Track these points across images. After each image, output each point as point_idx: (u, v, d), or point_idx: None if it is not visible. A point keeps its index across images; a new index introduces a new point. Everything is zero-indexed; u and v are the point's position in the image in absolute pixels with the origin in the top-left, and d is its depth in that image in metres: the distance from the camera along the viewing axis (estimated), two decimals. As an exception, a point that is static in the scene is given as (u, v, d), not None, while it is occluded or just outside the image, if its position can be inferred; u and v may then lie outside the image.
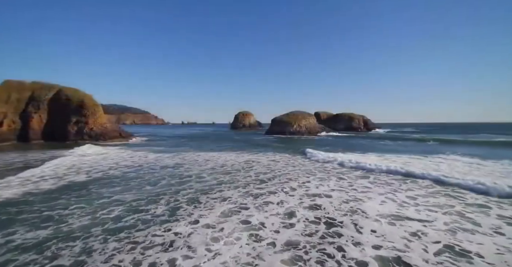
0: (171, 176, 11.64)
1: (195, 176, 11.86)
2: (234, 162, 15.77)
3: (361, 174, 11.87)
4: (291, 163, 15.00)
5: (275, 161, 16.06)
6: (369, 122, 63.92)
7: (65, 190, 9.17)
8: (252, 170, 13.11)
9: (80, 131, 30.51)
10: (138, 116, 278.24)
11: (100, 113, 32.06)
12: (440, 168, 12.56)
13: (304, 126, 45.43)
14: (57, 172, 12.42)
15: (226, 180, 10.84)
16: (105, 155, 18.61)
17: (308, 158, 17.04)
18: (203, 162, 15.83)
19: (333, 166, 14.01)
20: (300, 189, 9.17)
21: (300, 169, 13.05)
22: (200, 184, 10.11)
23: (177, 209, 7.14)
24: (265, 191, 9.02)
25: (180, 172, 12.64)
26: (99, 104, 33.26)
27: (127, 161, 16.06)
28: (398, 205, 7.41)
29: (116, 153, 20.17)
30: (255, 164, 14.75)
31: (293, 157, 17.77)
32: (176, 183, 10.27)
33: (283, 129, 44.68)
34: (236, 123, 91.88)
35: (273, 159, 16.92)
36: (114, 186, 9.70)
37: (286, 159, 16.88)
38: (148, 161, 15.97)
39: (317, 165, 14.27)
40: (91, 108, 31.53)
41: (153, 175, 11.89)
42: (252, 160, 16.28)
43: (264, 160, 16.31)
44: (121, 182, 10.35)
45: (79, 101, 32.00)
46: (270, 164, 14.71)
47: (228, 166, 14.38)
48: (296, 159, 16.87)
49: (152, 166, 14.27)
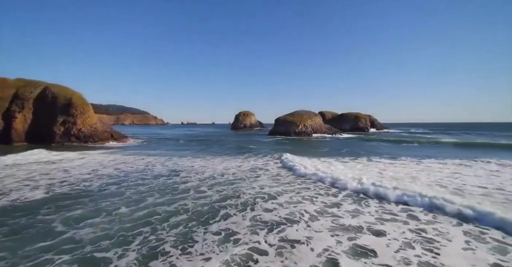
0: (161, 191, 9.05)
1: (193, 189, 9.35)
2: (237, 170, 13.17)
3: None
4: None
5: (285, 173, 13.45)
6: (375, 122, 61.29)
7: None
8: (257, 181, 10.55)
9: (67, 132, 27.89)
10: (137, 117, 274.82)
11: (89, 113, 29.44)
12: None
13: (310, 127, 42.75)
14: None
15: (230, 194, 8.44)
16: (83, 161, 15.98)
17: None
18: (203, 169, 13.22)
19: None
20: (326, 216, 6.54)
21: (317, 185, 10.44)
22: (197, 204, 7.55)
23: (154, 258, 4.54)
24: (280, 216, 6.47)
25: (174, 184, 10.09)
26: (88, 103, 30.65)
27: (109, 169, 13.44)
28: None
29: (101, 158, 17.54)
30: (262, 173, 12.16)
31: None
32: (165, 203, 7.69)
33: (288, 130, 42.00)
34: (236, 124, 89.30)
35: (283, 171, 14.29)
36: (74, 209, 7.08)
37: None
38: (138, 169, 13.36)
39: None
40: (80, 107, 28.90)
41: (137, 190, 9.29)
42: (259, 167, 13.68)
43: (273, 169, 13.71)
44: (88, 203, 7.73)
45: (67, 100, 29.38)
46: (281, 173, 12.13)
47: (230, 174, 11.81)
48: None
49: (140, 176, 11.67)
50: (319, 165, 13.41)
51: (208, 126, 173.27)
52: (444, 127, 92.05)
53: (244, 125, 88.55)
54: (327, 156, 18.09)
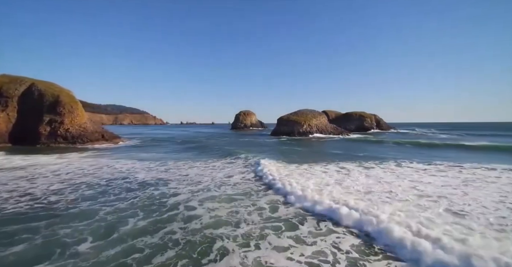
0: (145, 209, 6.91)
1: (183, 205, 7.22)
2: (240, 179, 10.95)
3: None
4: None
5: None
6: (381, 122, 59.12)
7: None
8: (267, 194, 8.35)
9: (54, 132, 25.60)
10: (136, 117, 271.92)
11: (78, 112, 27.16)
12: None
13: (315, 126, 40.53)
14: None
15: (225, 218, 6.07)
16: (59, 166, 13.70)
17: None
18: (198, 178, 10.98)
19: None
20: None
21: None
22: (187, 231, 5.36)
23: None
24: (300, 262, 4.30)
25: (162, 198, 7.93)
26: (77, 101, 28.37)
27: (88, 176, 11.20)
28: None
29: (83, 162, 15.29)
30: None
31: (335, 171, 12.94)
32: (148, 229, 5.52)
33: (292, 130, 39.76)
34: (237, 123, 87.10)
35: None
36: (14, 244, 4.83)
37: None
38: (122, 176, 11.14)
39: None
40: (68, 105, 26.62)
41: (116, 207, 7.15)
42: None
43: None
44: (42, 231, 5.50)
45: (54, 98, 27.11)
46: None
47: (230, 186, 9.59)
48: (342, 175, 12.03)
49: (124, 186, 9.47)
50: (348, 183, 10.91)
51: (208, 126, 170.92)
52: (448, 128, 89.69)
53: (245, 125, 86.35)
54: (343, 160, 15.86)
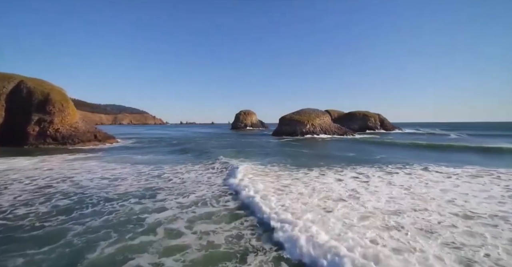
0: (120, 229, 5.44)
1: (163, 228, 5.60)
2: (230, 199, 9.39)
3: None
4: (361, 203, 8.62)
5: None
6: (385, 122, 57.55)
7: None
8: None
9: (43, 133, 24.07)
10: (136, 117, 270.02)
11: (69, 111, 25.61)
12: None
13: (319, 126, 38.97)
14: None
15: (223, 250, 4.35)
16: (35, 172, 12.15)
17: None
18: (191, 187, 9.42)
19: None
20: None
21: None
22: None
23: None
24: None
25: (142, 214, 6.38)
26: (69, 99, 26.83)
27: (66, 183, 9.67)
28: None
29: (65, 166, 13.75)
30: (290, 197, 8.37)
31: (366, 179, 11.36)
32: (115, 259, 3.98)
33: (294, 130, 38.20)
34: (237, 123, 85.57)
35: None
36: None
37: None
38: (105, 184, 9.60)
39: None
40: (58, 104, 25.07)
41: (87, 226, 5.70)
42: (285, 186, 9.89)
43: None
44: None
45: (44, 96, 25.56)
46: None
47: (231, 200, 8.03)
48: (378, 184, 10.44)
49: (103, 197, 7.91)
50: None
51: (208, 126, 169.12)
52: (450, 127, 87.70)
53: (245, 125, 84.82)
54: (359, 163, 14.29)
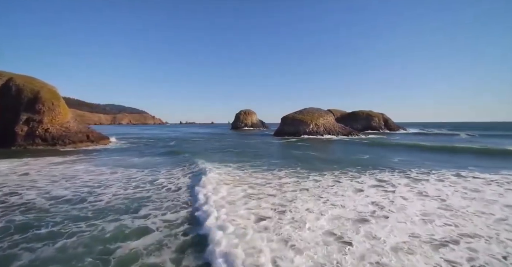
0: (72, 264, 3.97)
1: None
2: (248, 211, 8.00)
3: None
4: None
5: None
6: (389, 122, 56.15)
7: None
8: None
9: (32, 133, 22.66)
10: (135, 116, 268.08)
11: (60, 110, 24.19)
12: None
13: (322, 126, 37.56)
14: None
15: None
16: (9, 178, 10.74)
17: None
18: (183, 199, 8.04)
19: None
20: None
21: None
22: None
23: None
24: None
25: (108, 245, 4.84)
26: (60, 98, 25.41)
27: (36, 191, 8.26)
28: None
29: (45, 171, 12.34)
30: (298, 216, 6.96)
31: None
32: None
33: (297, 130, 36.79)
34: (237, 123, 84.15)
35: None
36: None
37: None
38: (83, 192, 8.21)
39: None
40: (48, 102, 23.66)
41: (31, 259, 4.22)
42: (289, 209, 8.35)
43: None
44: None
45: (33, 94, 24.15)
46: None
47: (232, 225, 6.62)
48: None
49: (73, 210, 6.47)
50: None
51: (207, 126, 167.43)
52: (453, 127, 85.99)
53: (245, 125, 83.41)
54: (377, 167, 12.86)
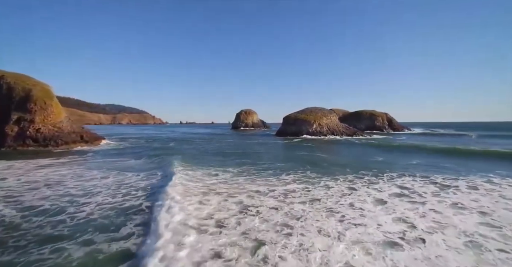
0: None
1: None
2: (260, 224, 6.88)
3: None
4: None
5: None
6: (393, 121, 55.00)
7: None
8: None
9: (23, 133, 21.60)
10: (135, 116, 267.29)
11: (53, 109, 23.13)
12: None
13: (326, 126, 36.45)
14: None
15: None
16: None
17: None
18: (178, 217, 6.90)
19: None
20: None
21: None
22: None
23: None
24: None
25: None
26: (53, 96, 24.35)
27: (5, 202, 7.17)
28: None
29: (32, 174, 11.26)
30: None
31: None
32: None
33: (300, 130, 35.70)
34: (237, 123, 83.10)
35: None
36: None
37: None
38: (64, 202, 7.11)
39: None
40: (40, 101, 22.60)
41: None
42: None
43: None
44: None
45: (25, 92, 23.09)
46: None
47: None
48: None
49: (41, 229, 5.35)
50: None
51: (207, 126, 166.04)
52: (458, 127, 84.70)
53: (246, 125, 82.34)
54: (395, 171, 11.71)
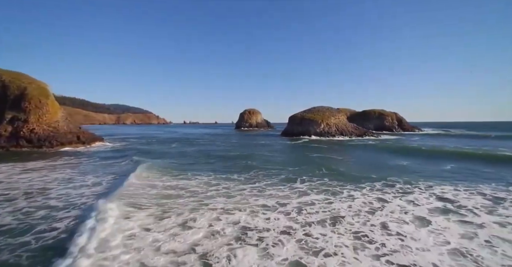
0: None
1: None
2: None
3: None
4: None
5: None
6: (403, 121, 52.90)
7: None
8: None
9: (16, 133, 20.55)
10: (139, 116, 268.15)
11: (48, 108, 22.04)
12: None
13: (334, 126, 34.77)
14: None
15: None
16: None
17: None
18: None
19: None
20: None
21: None
22: None
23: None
24: None
25: None
26: (49, 95, 23.26)
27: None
28: None
29: (16, 180, 9.98)
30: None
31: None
32: None
33: (307, 130, 34.11)
34: (241, 123, 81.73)
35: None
36: None
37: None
38: (34, 219, 5.75)
39: None
40: (35, 100, 21.53)
41: None
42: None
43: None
44: None
45: (20, 91, 22.07)
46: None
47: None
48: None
49: (3, 252, 3.95)
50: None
51: (211, 126, 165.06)
52: (464, 127, 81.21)
53: (250, 125, 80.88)
54: (429, 179, 10.11)
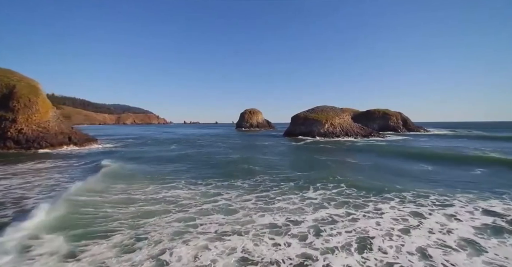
0: None
1: None
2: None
3: None
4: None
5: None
6: (408, 122, 51.55)
7: None
8: None
9: (3, 134, 19.35)
10: (139, 116, 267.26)
11: (38, 107, 20.83)
12: None
13: (339, 126, 33.49)
14: None
15: None
16: None
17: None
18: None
19: None
20: None
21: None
22: None
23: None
24: None
25: None
26: (40, 93, 22.03)
27: None
28: None
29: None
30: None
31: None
32: None
33: (310, 130, 32.84)
34: (241, 123, 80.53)
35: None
36: None
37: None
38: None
39: None
40: (24, 98, 20.32)
41: None
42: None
43: None
44: None
45: (8, 89, 20.88)
46: None
47: None
48: None
49: None
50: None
51: (211, 126, 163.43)
52: (469, 127, 79.06)
53: (251, 125, 79.64)
54: (467, 188, 8.77)
